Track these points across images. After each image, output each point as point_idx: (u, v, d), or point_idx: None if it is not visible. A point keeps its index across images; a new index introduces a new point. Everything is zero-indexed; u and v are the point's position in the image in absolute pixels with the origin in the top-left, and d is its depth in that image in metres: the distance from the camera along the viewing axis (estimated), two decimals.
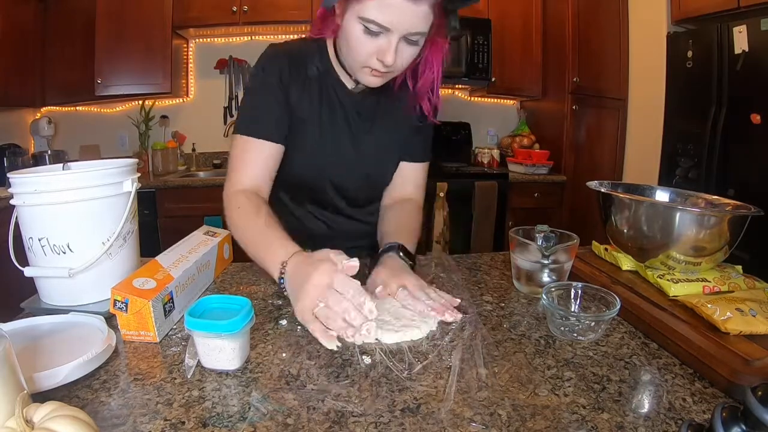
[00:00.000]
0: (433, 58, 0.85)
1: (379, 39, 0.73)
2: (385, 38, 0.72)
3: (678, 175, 2.05)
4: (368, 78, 0.80)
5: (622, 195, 0.79)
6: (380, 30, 0.71)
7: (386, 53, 0.72)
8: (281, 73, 0.86)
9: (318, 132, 0.91)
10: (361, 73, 0.80)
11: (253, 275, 0.91)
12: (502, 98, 3.33)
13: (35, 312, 0.72)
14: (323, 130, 0.91)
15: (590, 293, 0.71)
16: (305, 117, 0.90)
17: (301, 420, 0.48)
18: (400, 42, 0.73)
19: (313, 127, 0.91)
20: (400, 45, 0.73)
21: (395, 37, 0.72)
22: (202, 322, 0.56)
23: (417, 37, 0.74)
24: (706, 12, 1.92)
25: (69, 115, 2.99)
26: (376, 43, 0.73)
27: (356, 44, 0.75)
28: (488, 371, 0.57)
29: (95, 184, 0.72)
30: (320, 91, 0.90)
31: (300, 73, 0.88)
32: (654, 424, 0.48)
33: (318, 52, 0.90)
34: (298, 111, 0.89)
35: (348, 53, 0.79)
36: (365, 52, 0.75)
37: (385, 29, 0.71)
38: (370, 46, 0.74)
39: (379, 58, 0.74)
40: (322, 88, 0.90)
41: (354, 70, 0.82)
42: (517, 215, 2.85)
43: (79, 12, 2.62)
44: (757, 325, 0.58)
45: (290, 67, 0.87)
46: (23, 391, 0.37)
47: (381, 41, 0.73)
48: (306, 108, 0.89)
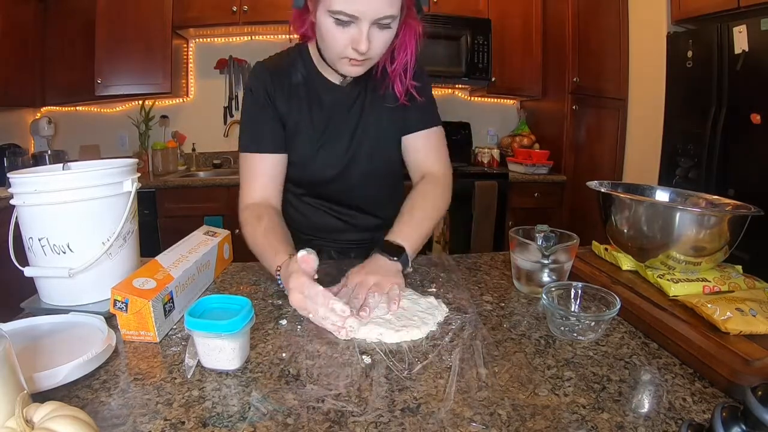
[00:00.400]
0: (407, 41, 0.86)
1: (350, 28, 0.75)
2: (355, 27, 0.75)
3: (678, 175, 2.05)
4: (348, 68, 0.82)
5: (622, 195, 0.79)
6: (349, 19, 0.74)
7: (359, 41, 0.75)
8: (266, 88, 0.91)
9: (313, 133, 0.93)
10: (341, 63, 0.82)
11: (253, 275, 0.91)
12: (502, 98, 3.33)
13: (35, 312, 0.72)
14: (317, 129, 0.93)
15: (590, 293, 0.71)
16: (298, 122, 0.93)
17: (301, 420, 0.48)
18: (372, 28, 0.75)
19: (308, 130, 0.93)
20: (372, 31, 0.75)
21: (365, 25, 0.74)
22: (202, 322, 0.56)
23: (387, 21, 0.76)
24: (706, 12, 1.92)
25: (69, 115, 2.98)
26: (348, 33, 0.75)
27: (330, 37, 0.77)
28: (488, 371, 0.57)
29: (95, 184, 0.72)
30: (308, 93, 0.93)
31: (283, 84, 0.92)
32: (654, 424, 0.48)
33: (300, 58, 0.94)
34: (290, 118, 0.92)
35: (325, 48, 0.82)
36: (340, 44, 0.77)
37: (354, 18, 0.73)
38: (344, 37, 0.76)
39: (353, 47, 0.76)
40: (309, 90, 0.93)
41: (334, 63, 0.84)
42: (517, 215, 2.85)
43: (79, 12, 2.62)
44: (757, 325, 0.58)
45: (273, 80, 0.91)
46: (23, 391, 0.37)
47: (352, 30, 0.75)
48: (296, 114, 0.92)
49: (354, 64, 0.80)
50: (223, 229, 0.98)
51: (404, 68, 0.90)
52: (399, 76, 0.91)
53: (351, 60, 0.79)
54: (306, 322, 0.70)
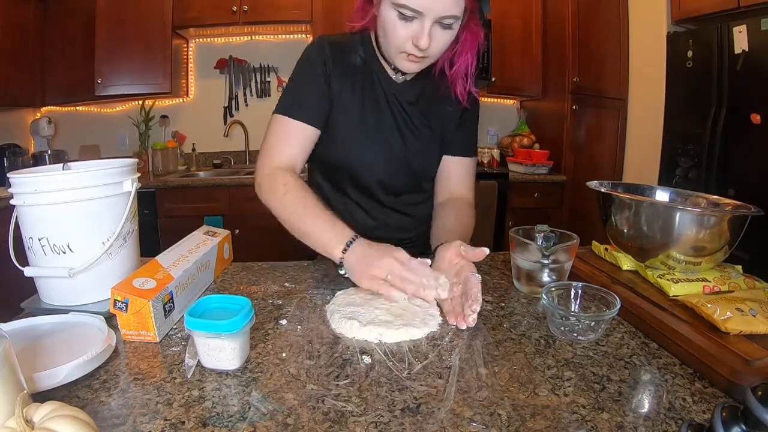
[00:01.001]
0: (468, 46, 0.87)
1: (413, 24, 0.76)
2: (418, 23, 0.76)
3: (678, 175, 2.05)
4: (405, 63, 0.83)
5: (622, 195, 0.79)
6: (413, 14, 0.75)
7: (420, 37, 0.76)
8: (325, 62, 0.90)
9: (360, 119, 0.93)
10: (398, 58, 0.83)
11: (253, 275, 0.91)
12: (502, 98, 3.33)
13: (35, 312, 0.72)
14: (366, 117, 0.93)
15: (590, 293, 0.71)
16: (347, 105, 0.92)
17: (301, 420, 0.48)
18: (434, 26, 0.76)
19: (355, 115, 0.92)
20: (434, 29, 0.76)
21: (428, 21, 0.75)
22: (202, 322, 0.56)
23: (450, 21, 0.76)
24: (706, 12, 1.92)
25: (69, 115, 2.99)
26: (410, 28, 0.77)
27: (392, 30, 0.78)
28: (488, 371, 0.57)
29: (95, 184, 0.72)
30: (363, 80, 0.93)
31: (343, 63, 0.91)
32: (654, 424, 0.48)
33: (361, 43, 0.93)
34: (341, 99, 0.92)
35: (385, 40, 0.83)
36: (401, 37, 0.78)
37: (417, 13, 0.74)
38: (405, 32, 0.77)
39: (414, 42, 0.77)
40: (365, 77, 0.93)
41: (392, 56, 0.85)
42: (517, 215, 2.85)
43: (79, 12, 2.62)
44: (757, 325, 0.58)
45: (333, 57, 0.90)
46: (23, 391, 0.37)
47: (415, 26, 0.76)
48: (348, 96, 0.92)
49: (412, 60, 0.81)
50: (223, 229, 0.98)
51: (465, 71, 0.91)
52: (461, 78, 0.92)
53: (409, 56, 0.80)
54: (306, 322, 0.70)
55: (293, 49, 3.05)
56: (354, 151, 0.94)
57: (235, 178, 2.55)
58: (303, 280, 0.88)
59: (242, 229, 2.42)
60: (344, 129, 0.93)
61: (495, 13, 2.89)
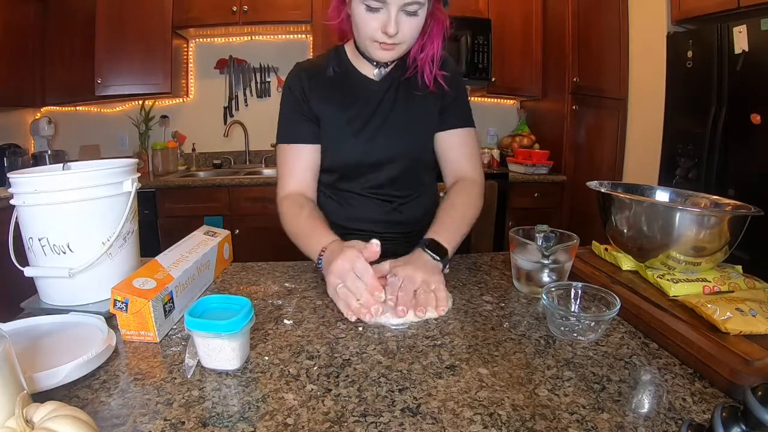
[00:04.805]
0: (435, 32, 0.93)
1: (380, 14, 0.83)
2: (385, 12, 0.82)
3: (678, 175, 2.05)
4: (379, 53, 0.89)
5: (622, 195, 0.79)
6: (379, 5, 0.82)
7: (388, 25, 0.82)
8: (302, 86, 0.98)
9: (348, 124, 0.98)
10: (372, 48, 0.89)
11: (253, 275, 0.91)
12: (502, 98, 3.33)
13: (35, 312, 0.72)
14: (351, 120, 0.98)
15: (590, 293, 0.71)
16: (333, 115, 0.98)
17: (301, 420, 0.48)
18: (400, 14, 0.82)
19: (342, 122, 0.98)
20: (400, 17, 0.83)
21: (394, 9, 0.81)
22: (202, 322, 0.56)
23: (414, 7, 0.83)
24: (706, 12, 1.92)
25: (69, 115, 2.99)
26: (378, 18, 0.83)
27: (362, 23, 0.85)
28: (488, 371, 0.57)
29: (95, 184, 0.72)
30: (343, 89, 0.99)
31: (319, 80, 0.99)
32: (654, 424, 0.48)
33: (336, 56, 1.01)
34: (326, 113, 0.98)
35: (358, 35, 0.90)
36: (371, 28, 0.85)
37: (383, 3, 0.81)
38: (374, 22, 0.84)
39: (383, 30, 0.84)
40: (344, 85, 0.99)
41: (367, 48, 0.91)
42: (517, 215, 2.85)
43: (79, 12, 2.62)
44: (757, 325, 0.58)
45: (309, 77, 0.99)
46: (23, 391, 0.37)
47: (382, 15, 0.83)
48: (330, 106, 0.98)
49: (384, 48, 0.87)
50: (223, 229, 0.98)
51: (431, 57, 0.96)
52: (427, 64, 0.96)
53: (381, 44, 0.86)
54: (306, 322, 0.71)
55: (293, 49, 3.06)
56: (348, 155, 0.99)
57: (235, 179, 2.54)
58: (303, 280, 0.88)
59: (242, 230, 2.43)
60: (334, 137, 0.98)
61: (495, 13, 2.89)
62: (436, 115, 1.01)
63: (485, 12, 2.89)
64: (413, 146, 1.01)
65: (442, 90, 0.99)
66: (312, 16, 2.74)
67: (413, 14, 0.83)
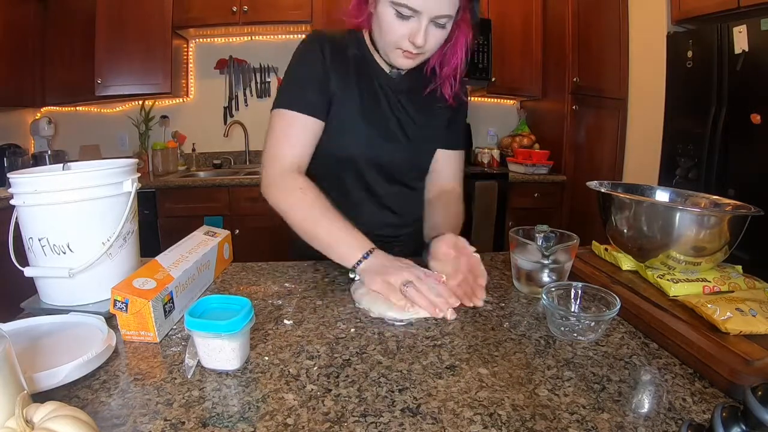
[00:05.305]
0: (459, 46, 0.90)
1: (410, 22, 0.79)
2: (415, 21, 0.79)
3: (678, 175, 2.05)
4: (401, 60, 0.86)
5: (622, 195, 0.79)
6: (411, 13, 0.78)
7: (417, 35, 0.79)
8: (323, 53, 0.90)
9: (361, 110, 0.94)
10: (394, 54, 0.86)
11: (253, 275, 0.91)
12: (502, 98, 3.33)
13: (35, 312, 0.72)
14: (366, 108, 0.94)
15: (590, 293, 0.71)
16: (348, 97, 0.93)
17: (301, 420, 0.48)
18: (429, 24, 0.79)
19: (356, 106, 0.93)
20: (429, 27, 0.80)
21: (425, 20, 0.78)
22: (202, 322, 0.56)
23: (444, 20, 0.80)
24: (706, 12, 1.92)
25: (69, 115, 2.99)
26: (407, 26, 0.80)
27: (389, 28, 0.81)
28: (488, 371, 0.57)
29: (95, 184, 0.72)
30: (360, 73, 0.94)
31: (340, 56, 0.92)
32: (654, 424, 0.48)
33: (356, 40, 0.95)
34: (339, 91, 0.92)
35: (381, 37, 0.86)
36: (398, 35, 0.81)
37: (415, 12, 0.78)
38: (402, 29, 0.80)
39: (410, 39, 0.80)
40: (361, 70, 0.94)
41: (387, 53, 0.88)
42: (517, 215, 2.85)
43: (79, 12, 2.62)
44: (757, 325, 0.58)
45: (332, 49, 0.91)
46: (23, 391, 0.37)
47: (412, 24, 0.79)
48: (346, 89, 0.93)
49: (407, 56, 0.84)
50: (223, 229, 0.98)
51: (455, 71, 0.94)
52: (450, 78, 0.95)
53: (405, 52, 0.83)
54: (306, 322, 0.70)
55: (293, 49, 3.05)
56: (358, 141, 0.95)
57: (235, 179, 2.54)
58: (303, 280, 0.88)
59: (242, 230, 2.43)
60: (346, 121, 0.93)
61: (495, 13, 2.89)
62: (444, 130, 1.01)
63: (485, 12, 2.89)
64: (421, 153, 1.01)
65: (452, 108, 0.99)
66: (312, 16, 2.74)
67: (441, 26, 0.81)
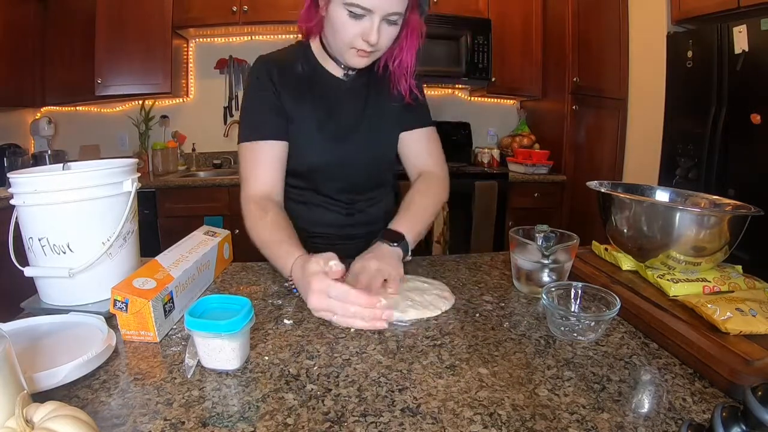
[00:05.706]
0: (410, 42, 0.91)
1: (362, 21, 0.81)
2: (368, 20, 0.80)
3: (678, 175, 2.05)
4: (355, 59, 0.87)
5: (622, 195, 0.79)
6: (363, 12, 0.79)
7: (370, 33, 0.81)
8: (271, 77, 0.93)
9: (318, 125, 0.95)
10: (348, 54, 0.87)
11: (253, 275, 0.91)
12: (502, 98, 3.32)
13: (35, 312, 0.72)
14: (322, 122, 0.95)
15: (590, 293, 0.71)
16: (302, 114, 0.95)
17: (301, 420, 0.48)
18: (382, 23, 0.81)
19: (313, 122, 0.95)
20: (382, 25, 0.81)
21: (377, 18, 0.80)
22: (202, 322, 0.56)
23: (395, 17, 0.82)
24: (706, 12, 1.92)
25: (69, 115, 2.98)
26: (360, 25, 0.81)
27: (342, 28, 0.82)
28: (488, 371, 0.57)
29: (95, 184, 0.72)
30: (311, 87, 0.96)
31: (288, 75, 0.94)
32: (654, 424, 0.48)
33: (303, 54, 0.97)
34: (294, 110, 0.94)
35: (335, 39, 0.86)
36: (351, 34, 0.82)
37: (367, 11, 0.79)
38: (355, 29, 0.82)
39: (364, 38, 0.82)
40: (312, 84, 0.96)
41: (342, 54, 0.88)
42: (517, 215, 2.85)
43: (79, 12, 2.62)
44: (757, 325, 0.58)
45: (279, 70, 0.94)
46: (23, 391, 0.37)
47: (365, 23, 0.81)
48: (299, 106, 0.95)
49: (361, 55, 0.85)
50: (223, 229, 0.98)
51: (407, 69, 0.95)
52: (404, 75, 0.95)
53: (359, 51, 0.84)
54: (306, 322, 0.70)
55: None
56: (319, 152, 0.96)
57: (235, 178, 2.54)
58: None
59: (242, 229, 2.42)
60: (304, 138, 0.95)
61: (495, 13, 2.89)
62: (402, 117, 1.01)
63: (485, 12, 2.88)
64: (382, 147, 1.02)
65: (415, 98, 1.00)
66: None
67: (393, 23, 0.83)
